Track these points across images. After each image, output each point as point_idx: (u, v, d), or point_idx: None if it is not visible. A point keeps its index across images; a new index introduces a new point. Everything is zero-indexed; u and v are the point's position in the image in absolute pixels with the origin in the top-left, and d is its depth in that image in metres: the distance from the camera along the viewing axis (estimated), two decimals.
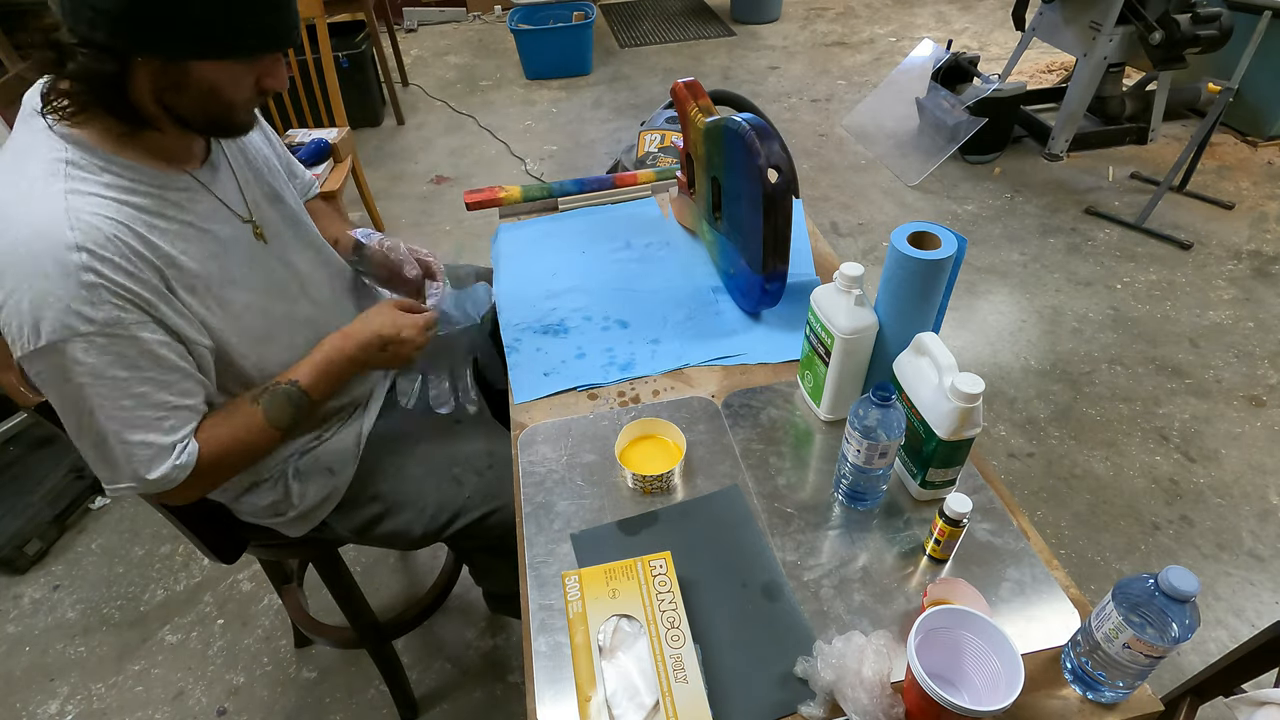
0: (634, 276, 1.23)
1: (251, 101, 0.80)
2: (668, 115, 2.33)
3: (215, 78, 0.74)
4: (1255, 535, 1.62)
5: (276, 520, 1.01)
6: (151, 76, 0.73)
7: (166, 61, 0.71)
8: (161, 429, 0.78)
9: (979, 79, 2.84)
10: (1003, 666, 0.62)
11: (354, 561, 1.69)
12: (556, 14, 3.89)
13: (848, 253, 2.55)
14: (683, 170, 1.27)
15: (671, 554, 0.75)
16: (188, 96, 0.75)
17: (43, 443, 1.88)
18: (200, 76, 0.73)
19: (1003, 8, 4.14)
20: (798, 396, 1.00)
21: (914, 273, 0.80)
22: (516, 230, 1.36)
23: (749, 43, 4.17)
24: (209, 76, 0.74)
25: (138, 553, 1.74)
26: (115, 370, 0.74)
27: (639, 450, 0.92)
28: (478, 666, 1.49)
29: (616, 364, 1.06)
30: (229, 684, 1.49)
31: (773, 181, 0.95)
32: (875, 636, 0.66)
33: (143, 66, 0.72)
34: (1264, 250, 2.42)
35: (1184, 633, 0.58)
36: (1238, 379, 1.98)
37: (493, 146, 3.29)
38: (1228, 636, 1.45)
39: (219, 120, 0.80)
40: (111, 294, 0.72)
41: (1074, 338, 2.14)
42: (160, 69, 0.72)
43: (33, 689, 1.50)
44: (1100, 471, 1.77)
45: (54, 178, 0.72)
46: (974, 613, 0.64)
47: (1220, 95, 2.34)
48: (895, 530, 0.82)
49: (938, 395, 0.75)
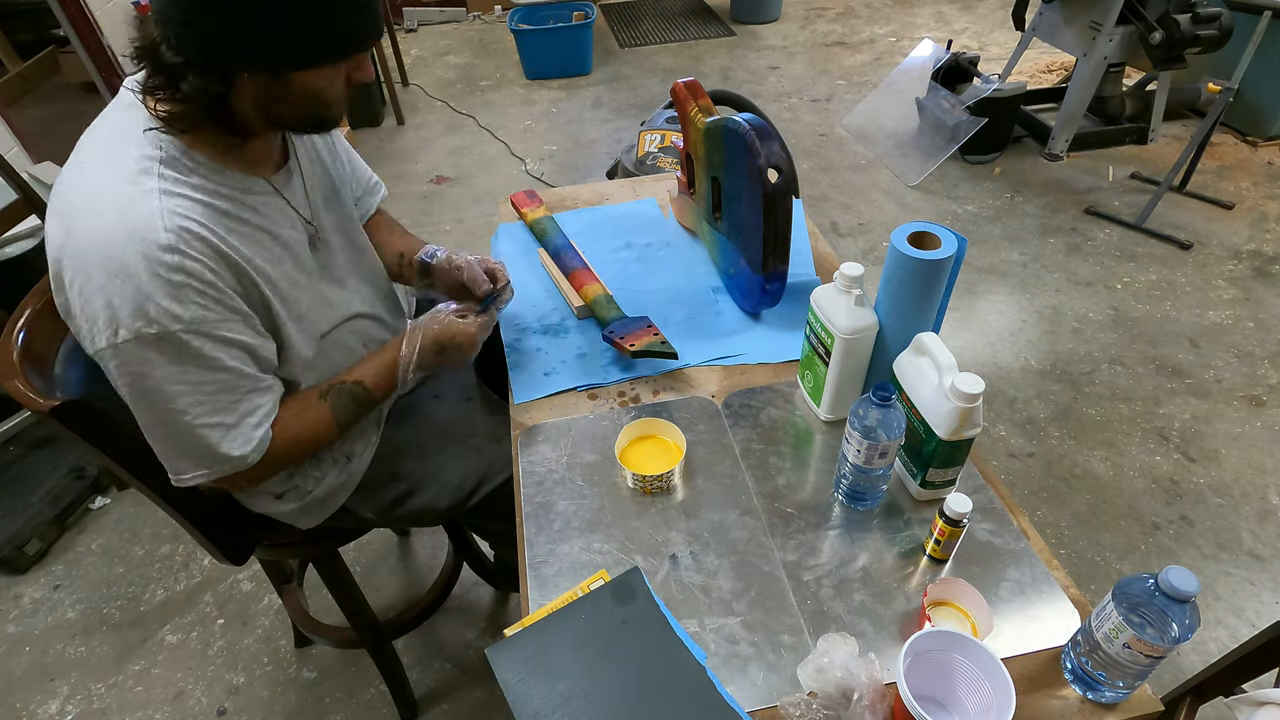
0: (634, 276, 1.23)
1: (345, 97, 0.84)
2: (668, 115, 2.33)
3: (315, 83, 0.78)
4: (1255, 535, 1.62)
5: (290, 510, 1.01)
6: (254, 89, 0.76)
7: (271, 77, 0.75)
8: (237, 416, 0.82)
9: (979, 79, 2.84)
10: (995, 692, 0.61)
11: (354, 562, 1.69)
12: (556, 14, 3.89)
13: (848, 253, 2.55)
14: (683, 170, 1.27)
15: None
16: (290, 104, 0.78)
17: (43, 443, 1.88)
18: (302, 84, 0.77)
19: (1003, 8, 4.13)
20: (798, 396, 1.00)
21: (914, 273, 0.80)
22: (517, 230, 1.36)
23: (749, 43, 4.17)
24: (310, 83, 0.77)
25: (138, 553, 1.74)
26: (196, 366, 0.77)
27: (639, 450, 0.92)
28: (478, 666, 1.49)
29: (617, 364, 1.06)
30: (229, 684, 1.49)
31: (773, 181, 0.95)
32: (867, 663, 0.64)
33: (247, 82, 0.75)
34: (1264, 250, 2.42)
35: (1184, 633, 0.58)
36: (1238, 379, 1.98)
37: (493, 146, 3.29)
38: (1228, 636, 1.45)
39: (318, 119, 0.84)
40: (197, 293, 0.75)
41: (1074, 338, 2.14)
42: (264, 83, 0.75)
43: (33, 689, 1.50)
44: (1100, 471, 1.77)
45: (147, 175, 0.74)
46: (966, 636, 0.64)
47: (1220, 95, 2.34)
48: (895, 530, 0.82)
49: (938, 395, 0.75)
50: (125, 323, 0.72)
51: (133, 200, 0.73)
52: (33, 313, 0.91)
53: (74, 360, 0.94)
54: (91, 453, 0.86)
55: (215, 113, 0.76)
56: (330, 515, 1.04)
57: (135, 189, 0.73)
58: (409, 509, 1.05)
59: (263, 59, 0.72)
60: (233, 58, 0.72)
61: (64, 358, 0.93)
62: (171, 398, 0.77)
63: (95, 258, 0.72)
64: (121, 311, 0.72)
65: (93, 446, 0.84)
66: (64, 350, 0.93)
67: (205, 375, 0.78)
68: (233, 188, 0.81)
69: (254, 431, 0.83)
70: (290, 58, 0.73)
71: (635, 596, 0.76)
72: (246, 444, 0.83)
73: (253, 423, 0.83)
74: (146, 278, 0.72)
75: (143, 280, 0.71)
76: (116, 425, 0.87)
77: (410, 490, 1.04)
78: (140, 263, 0.71)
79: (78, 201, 0.74)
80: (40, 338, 0.90)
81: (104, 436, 0.86)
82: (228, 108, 0.76)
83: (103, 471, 1.88)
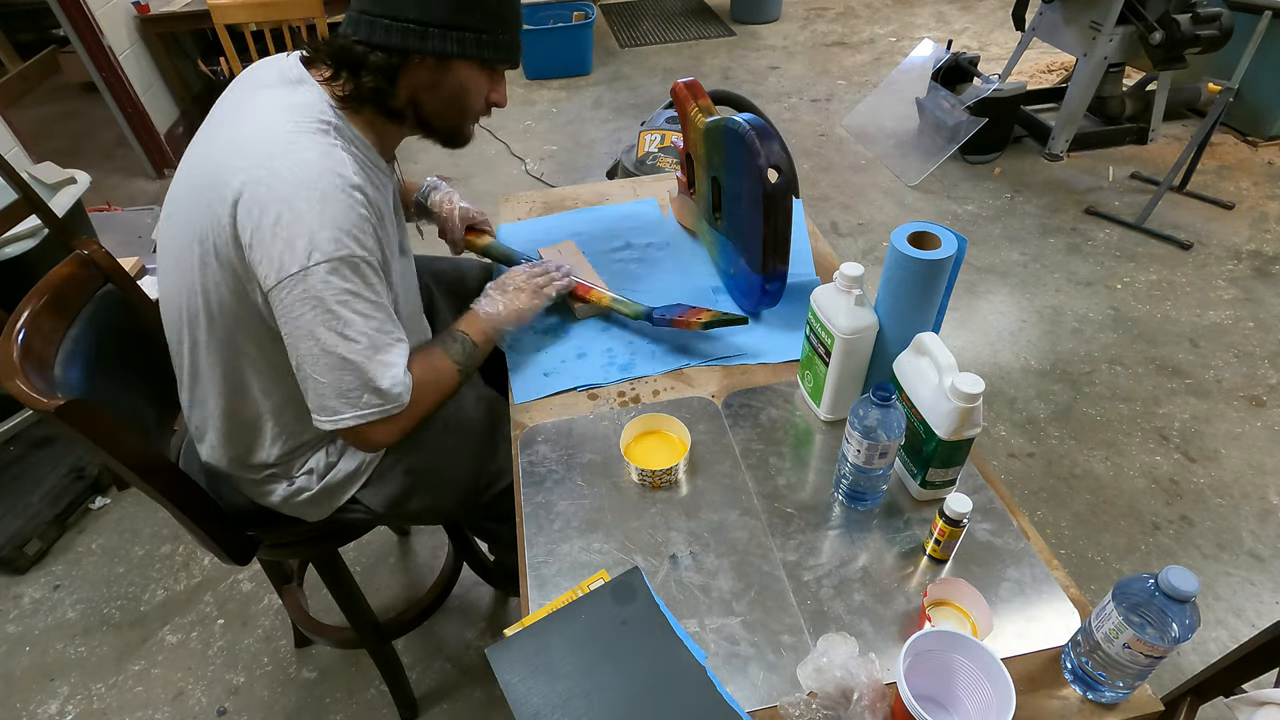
0: (634, 276, 1.23)
1: (480, 114, 0.95)
2: (668, 115, 2.33)
3: (467, 81, 0.89)
4: (1255, 535, 1.62)
5: (302, 499, 1.01)
6: (417, 75, 0.86)
7: (439, 60, 0.85)
8: (393, 355, 0.87)
9: (979, 79, 2.84)
10: (995, 692, 0.61)
11: (354, 562, 1.69)
12: (556, 14, 3.89)
13: (848, 253, 2.55)
14: (683, 170, 1.27)
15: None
16: (439, 97, 0.89)
17: (43, 443, 1.88)
18: (456, 78, 0.87)
19: (1003, 8, 4.14)
20: (798, 396, 1.00)
21: (914, 273, 0.80)
22: (517, 230, 1.36)
23: (749, 43, 4.17)
24: (463, 80, 0.88)
25: (138, 553, 1.74)
26: (370, 297, 0.84)
27: (643, 446, 0.92)
28: (478, 666, 1.49)
29: (616, 364, 1.06)
30: (229, 684, 1.49)
31: (773, 181, 0.95)
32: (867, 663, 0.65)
33: (416, 67, 0.85)
34: (1264, 250, 2.42)
35: (1184, 633, 0.58)
36: (1238, 379, 1.98)
37: (492, 146, 3.29)
38: (1228, 636, 1.45)
39: (454, 125, 0.95)
40: (372, 231, 0.84)
41: (1074, 338, 2.14)
42: (430, 67, 0.85)
43: (33, 689, 1.50)
44: (1100, 471, 1.77)
45: (325, 135, 0.83)
46: (966, 636, 0.64)
47: (1220, 95, 2.34)
48: (895, 530, 0.82)
49: (938, 395, 0.75)
50: (322, 246, 0.78)
51: (327, 148, 0.82)
52: (32, 313, 0.91)
53: (74, 360, 0.94)
54: (95, 452, 0.85)
55: (382, 95, 0.85)
56: (338, 507, 1.04)
57: (325, 140, 0.82)
58: (417, 505, 1.05)
59: (438, 44, 0.83)
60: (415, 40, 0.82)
61: (64, 358, 0.92)
62: (347, 324, 0.82)
63: (301, 188, 0.78)
64: (321, 235, 0.78)
65: (97, 446, 0.84)
66: (64, 351, 0.93)
67: (374, 310, 0.84)
68: (374, 165, 0.90)
69: (403, 374, 0.88)
70: (464, 45, 0.84)
71: (635, 596, 0.76)
72: (401, 383, 0.87)
73: (402, 365, 0.88)
74: (344, 209, 0.80)
75: (341, 210, 0.79)
76: (120, 425, 0.87)
77: (419, 486, 1.04)
78: (340, 196, 0.80)
79: (277, 143, 0.81)
80: (40, 338, 0.90)
81: (109, 436, 0.85)
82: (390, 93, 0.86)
83: (103, 471, 1.88)
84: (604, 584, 0.77)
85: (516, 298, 1.06)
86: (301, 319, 0.81)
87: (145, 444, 0.91)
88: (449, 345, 0.99)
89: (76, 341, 0.96)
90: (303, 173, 0.79)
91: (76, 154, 3.44)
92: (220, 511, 1.02)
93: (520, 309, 1.05)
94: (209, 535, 1.00)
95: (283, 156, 0.80)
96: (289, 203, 0.78)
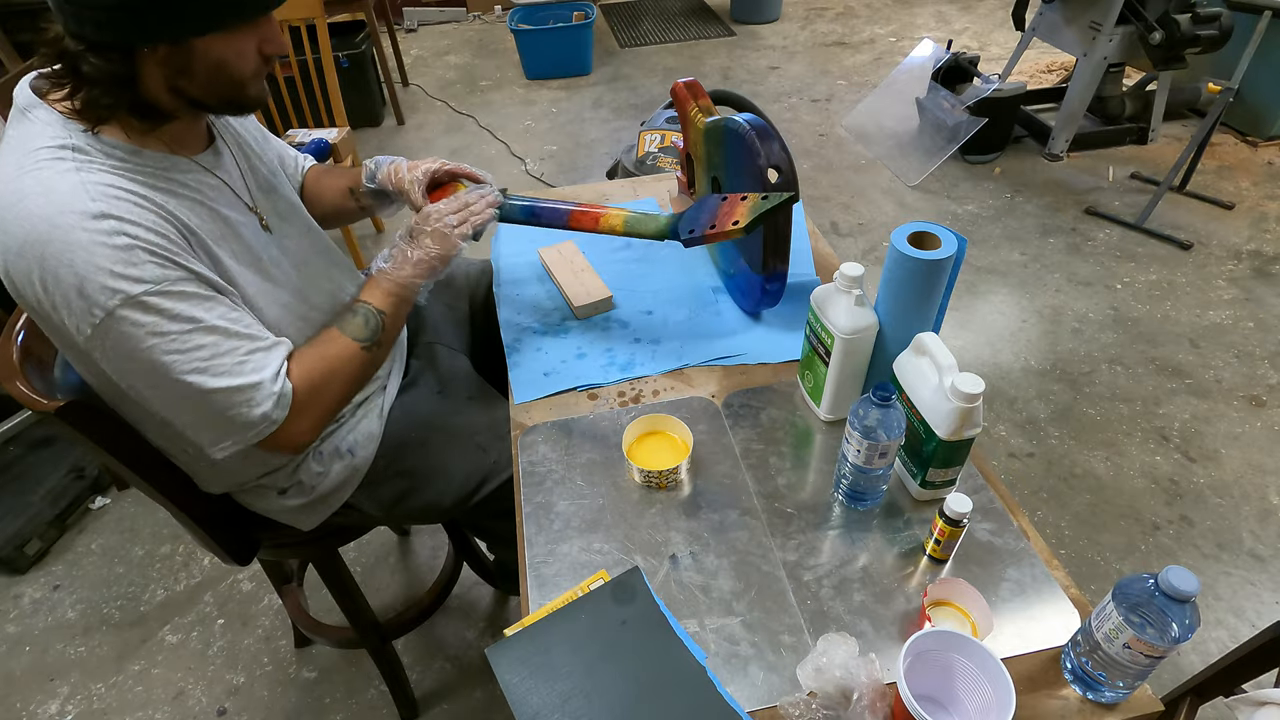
0: (634, 276, 1.23)
1: (260, 71, 0.81)
2: (668, 115, 2.33)
3: (220, 53, 0.75)
4: (1255, 535, 1.62)
5: (293, 506, 1.00)
6: (159, 65, 0.74)
7: (171, 46, 0.72)
8: (245, 370, 0.79)
9: (979, 79, 2.84)
10: (995, 692, 0.61)
11: (354, 562, 1.69)
12: (556, 14, 3.89)
13: (848, 253, 2.55)
14: (683, 170, 1.27)
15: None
16: (198, 79, 0.76)
17: (43, 443, 1.88)
18: (205, 55, 0.74)
19: (1003, 8, 4.13)
20: (798, 396, 1.00)
21: (914, 273, 0.80)
22: (518, 230, 1.36)
23: (749, 43, 4.17)
24: (214, 53, 0.75)
25: (138, 553, 1.74)
26: (177, 324, 0.74)
27: (645, 446, 0.92)
28: (478, 666, 1.49)
29: (616, 364, 1.06)
30: (229, 684, 1.49)
31: (773, 181, 0.95)
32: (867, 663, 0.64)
33: (149, 58, 0.73)
34: (1264, 250, 2.42)
35: (1184, 633, 0.58)
36: (1238, 379, 1.98)
37: (493, 146, 3.29)
38: (1228, 636, 1.45)
39: (233, 97, 0.80)
40: (148, 253, 0.72)
41: (1074, 338, 2.14)
42: (166, 56, 0.73)
43: (33, 689, 1.50)
44: (1100, 471, 1.77)
45: (60, 161, 0.72)
46: (966, 636, 0.64)
47: (1220, 95, 2.34)
48: (895, 530, 0.82)
49: (938, 395, 0.75)
50: (96, 299, 0.70)
51: (51, 180, 0.70)
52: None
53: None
54: (96, 452, 0.85)
55: (123, 98, 0.73)
56: (333, 512, 1.04)
57: (51, 172, 0.71)
58: (412, 505, 1.05)
59: (159, 27, 0.70)
60: (129, 29, 0.70)
61: (63, 360, 0.92)
62: (168, 368, 0.74)
63: (40, 246, 0.69)
64: (83, 291, 0.70)
65: (98, 446, 0.84)
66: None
67: (193, 339, 0.75)
68: (154, 166, 0.78)
69: (271, 387, 0.80)
70: (185, 24, 0.71)
71: (635, 596, 0.76)
72: (265, 402, 0.80)
73: (266, 379, 0.80)
74: (92, 249, 0.69)
75: (90, 252, 0.69)
76: (121, 425, 0.87)
77: (414, 486, 1.04)
78: (81, 236, 0.69)
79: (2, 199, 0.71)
80: (40, 339, 0.90)
81: (109, 436, 0.86)
82: (136, 92, 0.74)
83: (103, 471, 1.88)
84: (604, 584, 0.77)
85: (423, 246, 0.94)
86: (128, 375, 0.76)
87: (144, 444, 0.91)
88: (347, 322, 0.90)
89: None
90: (36, 225, 0.69)
91: None
92: (220, 512, 1.02)
93: (429, 260, 0.94)
94: (209, 535, 1.00)
95: (10, 214, 0.70)
96: (43, 265, 0.69)
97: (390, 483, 1.04)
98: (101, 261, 0.70)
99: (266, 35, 0.79)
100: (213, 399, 0.77)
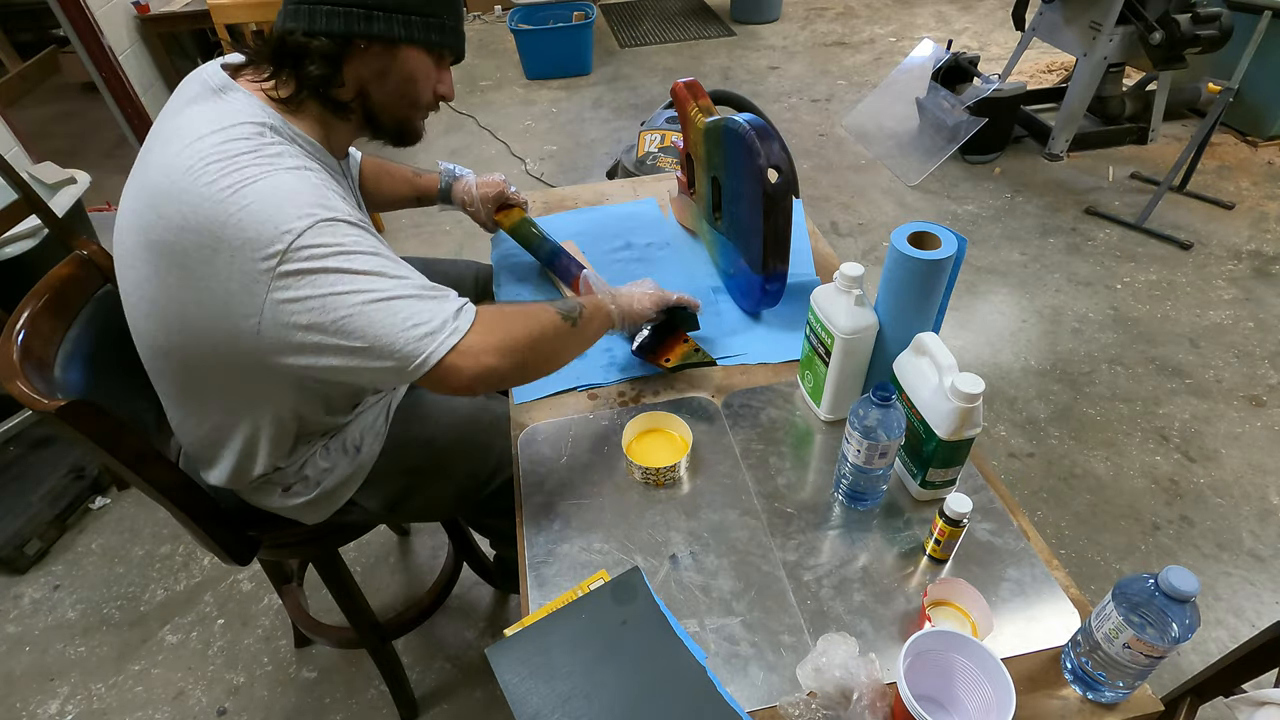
0: (634, 277, 1.22)
1: (429, 107, 0.91)
2: (668, 115, 2.33)
3: (415, 68, 0.85)
4: (1255, 535, 1.62)
5: (298, 504, 1.00)
6: (363, 63, 0.83)
7: (385, 46, 0.82)
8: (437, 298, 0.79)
9: (979, 79, 2.84)
10: (995, 692, 0.61)
11: (354, 562, 1.69)
12: (556, 14, 3.89)
13: (848, 253, 2.55)
14: (683, 170, 1.27)
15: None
16: (388, 86, 0.85)
17: (43, 443, 1.88)
18: (404, 64, 0.84)
19: (1003, 8, 4.14)
20: (798, 396, 1.00)
21: (914, 273, 0.80)
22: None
23: (749, 43, 4.17)
24: (410, 66, 0.85)
25: (138, 553, 1.74)
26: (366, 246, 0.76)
27: (644, 444, 0.93)
28: (478, 666, 1.49)
29: (616, 364, 1.06)
30: (229, 684, 1.49)
31: (773, 181, 0.95)
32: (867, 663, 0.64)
33: (359, 55, 0.82)
34: (1264, 250, 2.42)
35: (1184, 633, 0.58)
36: (1238, 379, 1.98)
37: (493, 146, 3.29)
38: (1228, 636, 1.45)
39: (403, 117, 0.90)
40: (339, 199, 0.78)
41: (1074, 338, 2.14)
42: (376, 54, 0.82)
43: (33, 689, 1.50)
44: (1100, 471, 1.77)
45: (258, 135, 0.78)
46: (966, 636, 0.64)
47: (1220, 95, 2.34)
48: (895, 530, 0.82)
49: (938, 395, 0.75)
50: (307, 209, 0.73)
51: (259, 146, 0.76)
52: (32, 313, 0.91)
53: (74, 361, 0.94)
54: (96, 453, 0.85)
55: (325, 85, 0.81)
56: (337, 509, 1.04)
57: (258, 141, 0.77)
58: (416, 503, 1.05)
59: (385, 25, 0.80)
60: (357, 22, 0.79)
61: (64, 359, 0.92)
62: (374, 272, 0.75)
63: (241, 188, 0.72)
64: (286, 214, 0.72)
65: (98, 446, 0.84)
66: (64, 351, 0.93)
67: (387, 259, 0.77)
68: (322, 161, 0.85)
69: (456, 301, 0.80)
70: (411, 28, 0.81)
71: (635, 596, 0.76)
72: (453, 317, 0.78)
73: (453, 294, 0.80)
74: (295, 186, 0.74)
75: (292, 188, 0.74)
76: (121, 425, 0.87)
77: (418, 484, 1.05)
78: (286, 176, 0.75)
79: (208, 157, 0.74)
80: (40, 339, 0.90)
81: (109, 436, 0.85)
82: (336, 81, 0.82)
83: (103, 471, 1.88)
84: (604, 584, 0.77)
85: (630, 315, 1.00)
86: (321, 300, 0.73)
87: (145, 444, 0.91)
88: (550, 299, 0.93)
89: (76, 342, 0.96)
90: (239, 175, 0.73)
91: (76, 154, 3.44)
92: (220, 511, 1.02)
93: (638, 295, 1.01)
94: (209, 535, 1.00)
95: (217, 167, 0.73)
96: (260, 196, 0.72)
97: (393, 481, 1.04)
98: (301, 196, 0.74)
99: (445, 79, 0.91)
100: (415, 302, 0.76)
